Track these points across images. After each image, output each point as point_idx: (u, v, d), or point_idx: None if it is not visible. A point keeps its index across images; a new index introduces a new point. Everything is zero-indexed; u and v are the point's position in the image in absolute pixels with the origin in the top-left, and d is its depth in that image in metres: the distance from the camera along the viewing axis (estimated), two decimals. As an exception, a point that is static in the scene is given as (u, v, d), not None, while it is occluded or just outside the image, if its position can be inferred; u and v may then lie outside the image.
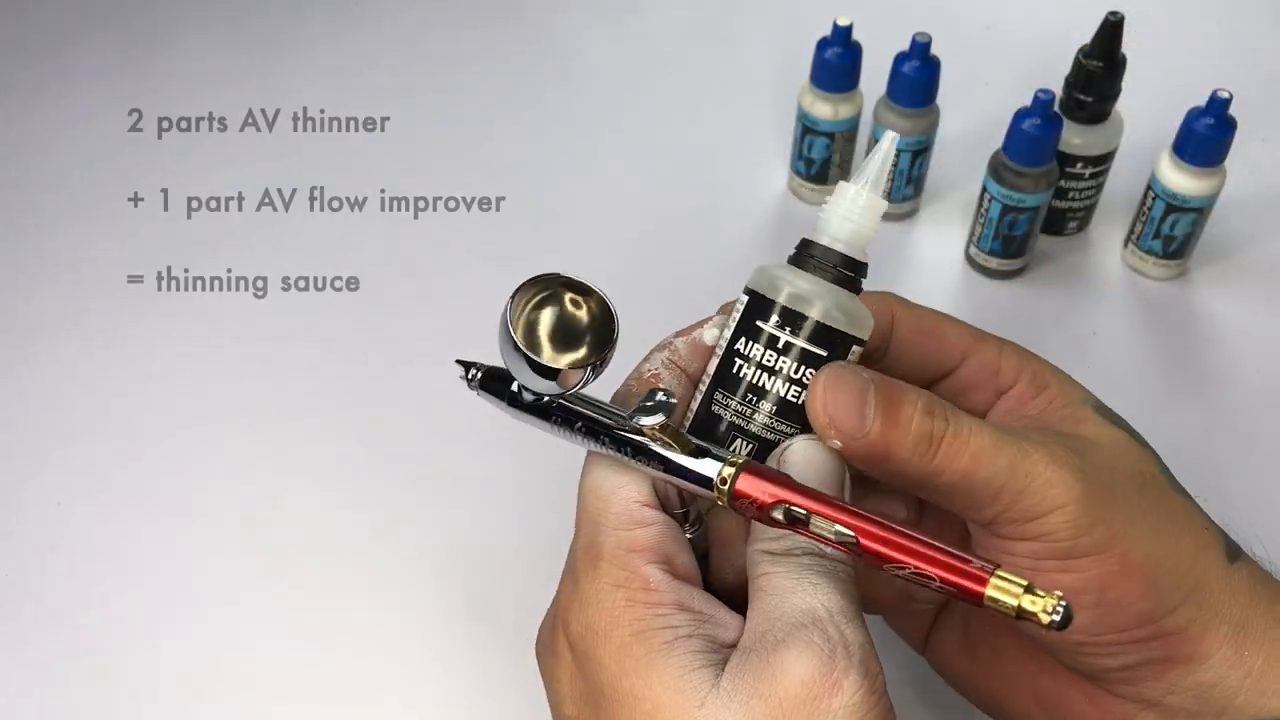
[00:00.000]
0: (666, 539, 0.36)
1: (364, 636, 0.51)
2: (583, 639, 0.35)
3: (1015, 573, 0.30)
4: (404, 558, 0.53)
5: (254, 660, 0.50)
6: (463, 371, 0.40)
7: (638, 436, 0.35)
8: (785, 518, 0.33)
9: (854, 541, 0.32)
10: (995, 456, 0.35)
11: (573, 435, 0.37)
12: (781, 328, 0.36)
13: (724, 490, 0.34)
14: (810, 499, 0.33)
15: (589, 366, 0.35)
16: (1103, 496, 0.36)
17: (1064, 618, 0.29)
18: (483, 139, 0.73)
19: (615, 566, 0.35)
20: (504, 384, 0.39)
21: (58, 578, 0.53)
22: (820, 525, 0.33)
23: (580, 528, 0.37)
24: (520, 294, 0.35)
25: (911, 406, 0.35)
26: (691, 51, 0.79)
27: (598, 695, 0.35)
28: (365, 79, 0.76)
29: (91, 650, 0.51)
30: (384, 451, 0.57)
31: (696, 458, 0.35)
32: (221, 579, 0.53)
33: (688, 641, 0.34)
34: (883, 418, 0.35)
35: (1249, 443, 0.58)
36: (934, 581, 0.31)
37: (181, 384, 0.60)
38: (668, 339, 0.40)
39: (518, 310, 0.35)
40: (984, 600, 0.30)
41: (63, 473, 0.57)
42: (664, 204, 0.69)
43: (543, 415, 0.38)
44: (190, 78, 0.76)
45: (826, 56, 0.63)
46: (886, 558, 0.32)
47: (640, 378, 0.39)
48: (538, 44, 0.79)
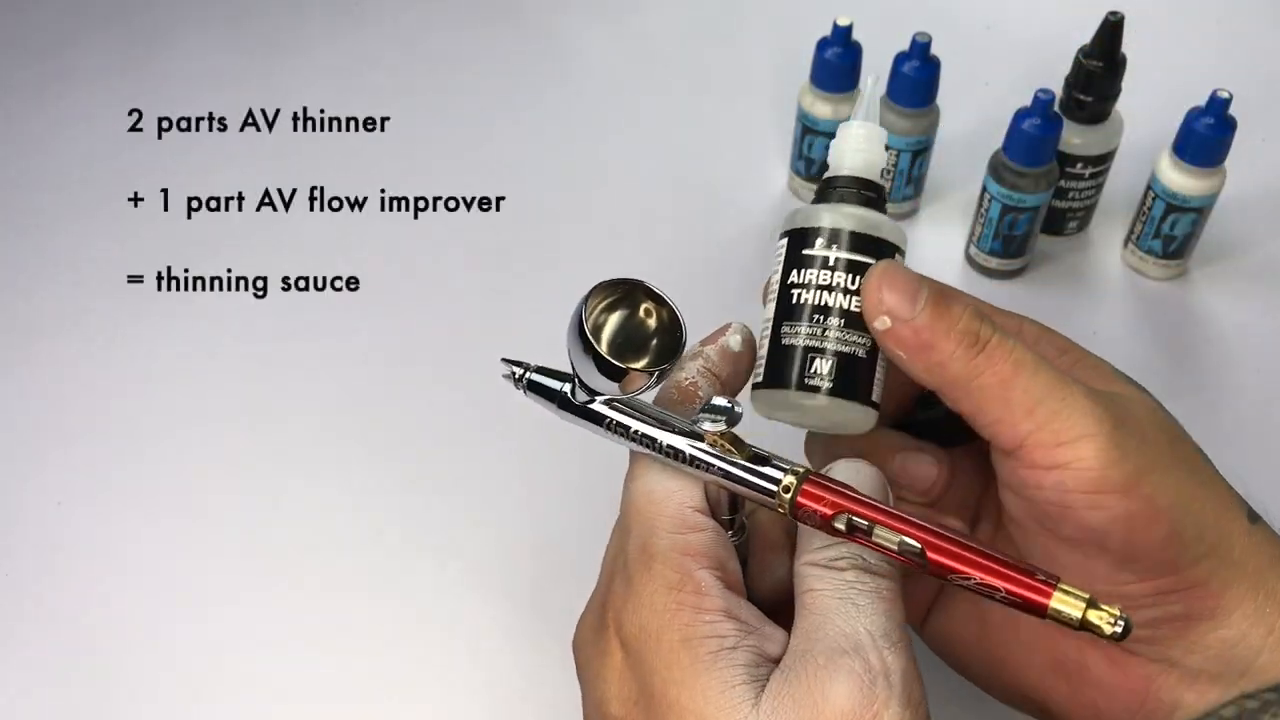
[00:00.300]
0: (718, 545, 0.36)
1: (364, 636, 0.51)
2: (636, 639, 0.35)
3: (1078, 586, 0.31)
4: (404, 557, 0.53)
5: (254, 660, 0.50)
6: (508, 371, 0.40)
7: (699, 443, 0.36)
8: (847, 528, 0.34)
9: (919, 552, 0.33)
10: (1036, 372, 0.35)
11: (627, 439, 0.37)
12: (828, 246, 0.38)
13: (786, 499, 0.34)
14: (874, 510, 0.34)
15: (654, 373, 0.35)
16: (1134, 436, 0.36)
17: (1125, 628, 0.31)
18: (483, 139, 0.73)
19: (669, 569, 0.35)
20: (554, 386, 0.39)
21: (58, 578, 0.53)
22: (884, 536, 0.33)
23: (631, 529, 0.37)
24: (595, 294, 0.36)
25: (961, 306, 0.36)
26: (691, 51, 0.79)
27: (649, 699, 0.35)
28: (365, 79, 0.76)
29: (91, 650, 0.51)
30: (384, 451, 0.57)
31: (757, 465, 0.35)
32: (221, 579, 0.53)
33: (732, 654, 0.34)
34: (932, 307, 0.36)
35: (1249, 443, 0.58)
36: (999, 592, 0.32)
37: (181, 384, 0.60)
38: (696, 348, 0.40)
39: (591, 309, 0.35)
40: (1047, 611, 0.31)
41: (63, 473, 0.57)
42: (664, 204, 0.69)
43: (594, 420, 0.38)
44: (190, 78, 0.76)
45: (826, 56, 0.63)
46: (952, 569, 0.32)
47: (680, 386, 0.39)
48: (538, 44, 0.79)
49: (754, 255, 0.66)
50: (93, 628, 0.51)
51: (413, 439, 0.58)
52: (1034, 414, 0.35)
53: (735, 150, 0.72)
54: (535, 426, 0.57)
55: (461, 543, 0.54)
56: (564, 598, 0.51)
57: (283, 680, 0.50)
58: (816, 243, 0.38)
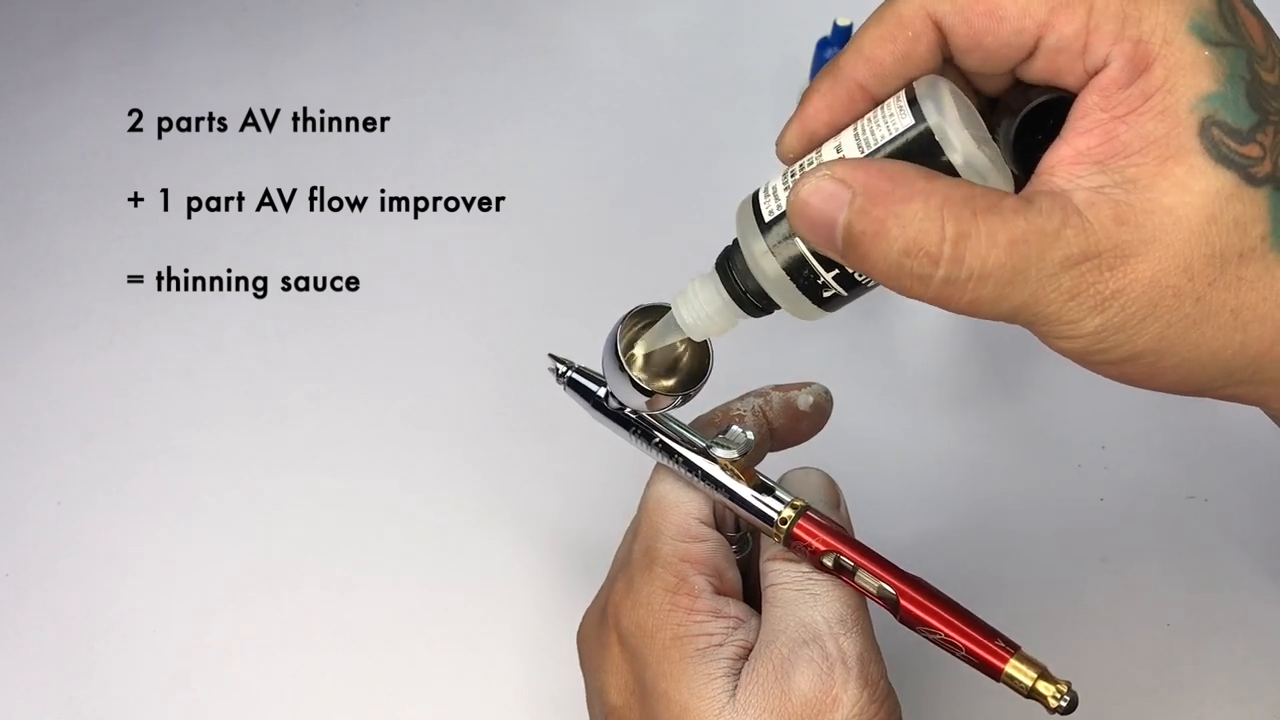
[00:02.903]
0: (718, 555, 0.38)
1: (364, 636, 0.51)
2: (633, 636, 0.37)
3: (1032, 658, 0.33)
4: (405, 557, 0.53)
5: (254, 659, 0.50)
6: (553, 365, 0.42)
7: (711, 464, 0.38)
8: (834, 565, 0.36)
9: (894, 600, 0.35)
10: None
11: (649, 448, 0.39)
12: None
13: (783, 530, 0.37)
14: (860, 554, 0.36)
15: (678, 396, 0.37)
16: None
17: (1070, 704, 0.33)
18: (483, 139, 0.73)
19: (669, 572, 0.37)
20: (591, 387, 0.41)
21: (58, 578, 0.53)
22: (865, 579, 0.35)
23: (640, 533, 0.39)
24: (633, 316, 0.38)
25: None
26: (692, 52, 0.79)
27: (643, 690, 0.37)
28: (365, 79, 0.76)
29: (91, 650, 0.51)
30: (384, 451, 0.57)
31: (761, 494, 0.37)
32: (221, 578, 0.53)
33: (719, 650, 0.36)
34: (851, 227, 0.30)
35: (1249, 443, 0.58)
36: (960, 650, 0.34)
37: (181, 384, 0.60)
38: (766, 389, 0.41)
39: (628, 329, 0.38)
40: (1001, 676, 0.33)
41: (63, 473, 0.57)
42: (664, 204, 0.69)
43: (623, 424, 0.40)
44: (190, 78, 0.76)
45: (826, 56, 0.63)
46: (921, 621, 0.34)
47: (727, 413, 0.41)
48: (538, 44, 0.79)
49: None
50: (93, 628, 0.51)
51: (413, 439, 0.58)
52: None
53: (735, 150, 0.72)
54: (536, 426, 0.57)
55: (462, 542, 0.54)
56: (566, 594, 0.52)
57: (283, 680, 0.50)
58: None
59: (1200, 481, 0.56)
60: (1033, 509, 0.55)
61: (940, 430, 0.57)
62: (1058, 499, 0.55)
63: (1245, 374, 0.31)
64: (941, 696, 0.48)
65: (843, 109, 0.33)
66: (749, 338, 0.62)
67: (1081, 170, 0.30)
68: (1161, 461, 0.57)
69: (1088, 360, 0.31)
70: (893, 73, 0.32)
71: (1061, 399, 0.59)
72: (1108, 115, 0.30)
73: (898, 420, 0.58)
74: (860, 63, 0.33)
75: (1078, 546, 0.54)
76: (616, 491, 0.47)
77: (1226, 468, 0.56)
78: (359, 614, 0.52)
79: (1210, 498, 0.55)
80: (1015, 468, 0.57)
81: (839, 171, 0.30)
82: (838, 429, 0.43)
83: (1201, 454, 0.57)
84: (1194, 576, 0.53)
